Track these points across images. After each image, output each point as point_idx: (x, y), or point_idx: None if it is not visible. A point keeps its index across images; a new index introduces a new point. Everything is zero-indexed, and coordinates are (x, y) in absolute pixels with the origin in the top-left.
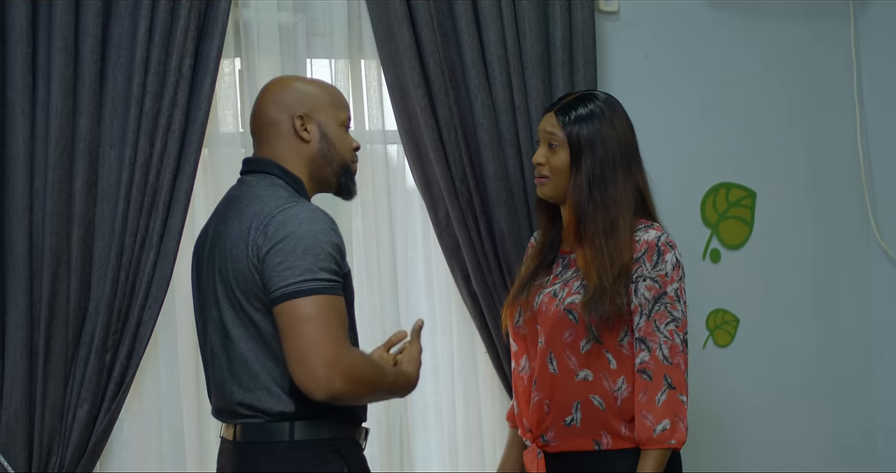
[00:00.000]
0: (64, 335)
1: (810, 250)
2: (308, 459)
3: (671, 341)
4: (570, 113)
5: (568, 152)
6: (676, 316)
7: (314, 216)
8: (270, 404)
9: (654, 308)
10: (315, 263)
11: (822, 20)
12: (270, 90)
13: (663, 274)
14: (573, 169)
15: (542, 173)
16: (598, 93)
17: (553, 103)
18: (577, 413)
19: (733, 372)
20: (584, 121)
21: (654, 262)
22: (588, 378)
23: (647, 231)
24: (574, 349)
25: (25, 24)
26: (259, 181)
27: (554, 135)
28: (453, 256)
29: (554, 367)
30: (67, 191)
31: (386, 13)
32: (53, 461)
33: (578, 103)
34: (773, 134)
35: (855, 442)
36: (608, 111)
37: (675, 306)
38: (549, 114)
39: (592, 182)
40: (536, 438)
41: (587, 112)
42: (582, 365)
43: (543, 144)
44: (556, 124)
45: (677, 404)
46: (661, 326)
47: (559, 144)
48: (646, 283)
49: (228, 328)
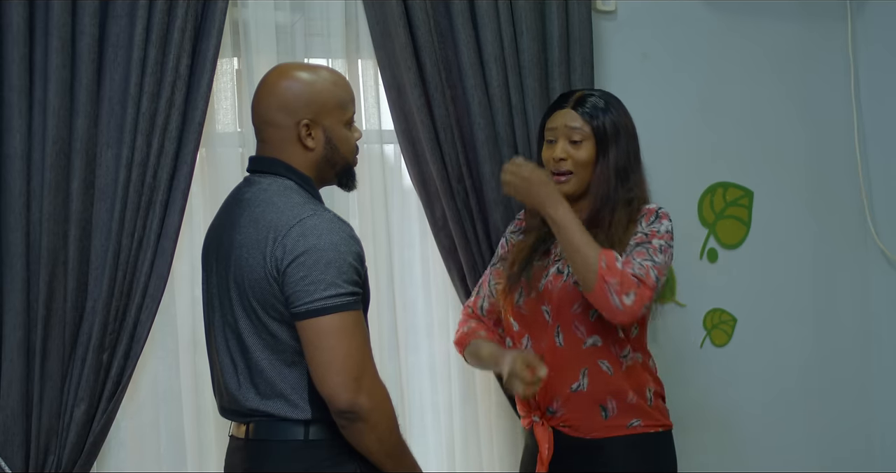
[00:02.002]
0: (61, 335)
1: (808, 249)
2: (322, 459)
3: (644, 268)
4: (587, 106)
5: (594, 145)
6: (656, 260)
7: (333, 226)
8: (287, 412)
9: (636, 249)
10: (338, 276)
11: (819, 20)
12: (274, 86)
13: (654, 230)
14: (599, 161)
15: (565, 169)
16: (596, 90)
17: (560, 100)
18: (583, 379)
19: (731, 371)
20: (605, 113)
21: (650, 222)
22: (597, 344)
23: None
24: (583, 318)
25: (22, 24)
26: (270, 184)
27: (577, 129)
28: (449, 255)
29: (560, 340)
30: (64, 191)
31: (382, 13)
32: (50, 461)
33: (590, 97)
34: (770, 133)
35: (852, 442)
36: (617, 104)
37: (656, 252)
38: (564, 111)
39: (618, 172)
40: (544, 412)
41: (604, 104)
42: (590, 332)
43: (563, 140)
44: (578, 118)
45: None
46: (637, 258)
47: (584, 138)
48: (637, 237)
49: (244, 336)
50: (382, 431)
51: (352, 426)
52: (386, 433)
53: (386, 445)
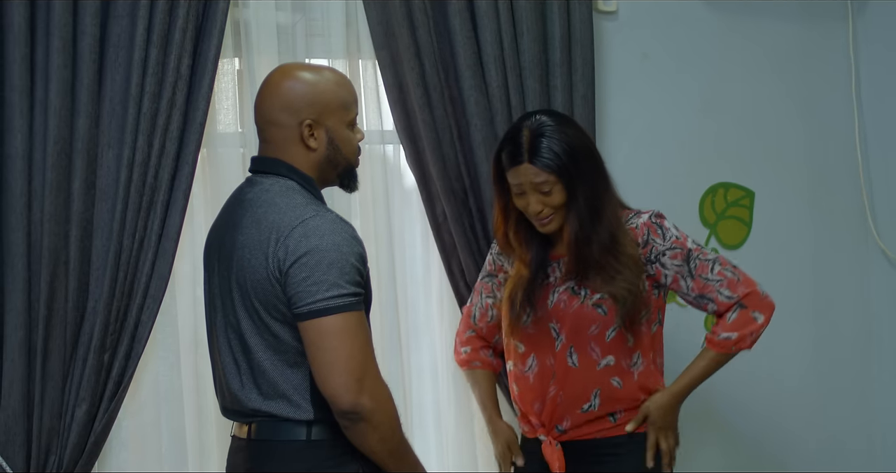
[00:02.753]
0: (62, 335)
1: (809, 250)
2: (324, 459)
3: (725, 279)
4: (543, 155)
5: (563, 187)
6: (712, 258)
7: (335, 227)
8: (289, 412)
9: (691, 266)
10: (340, 277)
11: (820, 20)
12: (277, 86)
13: (675, 239)
14: (569, 201)
15: (546, 216)
16: (541, 117)
17: (511, 153)
18: (595, 400)
19: (732, 371)
20: (562, 151)
21: (662, 236)
22: (610, 363)
23: (638, 216)
24: (599, 340)
25: (24, 24)
26: (272, 185)
27: (543, 182)
28: (450, 254)
29: (573, 361)
30: (66, 191)
31: (384, 13)
32: (52, 461)
33: (540, 140)
34: (771, 134)
35: (853, 442)
36: (563, 127)
37: (705, 253)
38: (523, 167)
39: (590, 210)
40: (551, 430)
41: (557, 141)
42: (605, 352)
43: (533, 194)
44: (541, 171)
45: (748, 321)
46: (709, 274)
47: (552, 185)
48: (670, 253)
49: (246, 337)
50: (385, 431)
51: (354, 426)
52: (388, 433)
53: (389, 445)
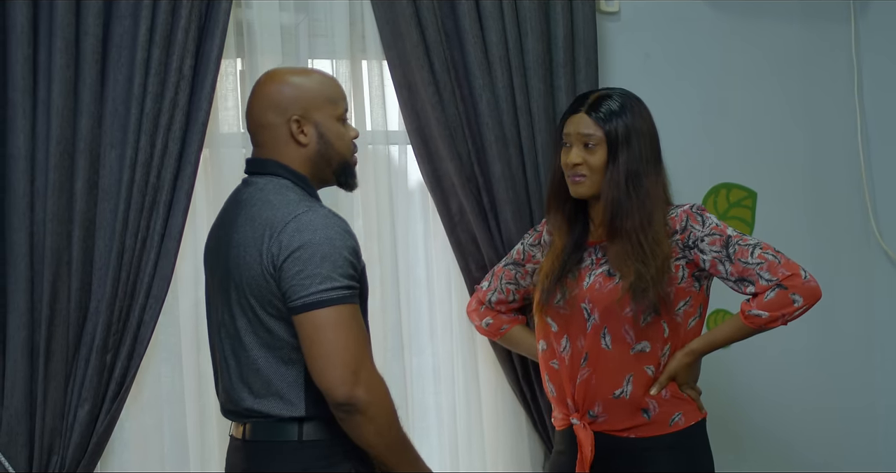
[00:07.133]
0: (65, 335)
1: (811, 251)
2: (317, 459)
3: (766, 262)
4: (601, 110)
5: (606, 149)
6: (753, 243)
7: (328, 221)
8: (281, 410)
9: (730, 250)
10: (334, 270)
11: (822, 21)
12: (264, 89)
13: (715, 226)
14: (609, 165)
15: (580, 173)
16: (616, 89)
17: (576, 103)
18: (627, 386)
19: (734, 372)
20: (618, 117)
21: (702, 222)
22: (645, 349)
23: (679, 207)
24: (633, 323)
25: (26, 24)
26: (267, 184)
27: (591, 135)
28: (465, 250)
29: (607, 342)
30: (68, 191)
31: (393, 13)
32: (54, 461)
33: (606, 100)
34: (773, 134)
35: (855, 442)
36: (635, 105)
37: (745, 239)
38: (577, 116)
39: (629, 177)
40: (584, 414)
41: (618, 107)
42: (640, 337)
43: (577, 145)
44: (591, 123)
45: (785, 303)
46: (749, 258)
47: (597, 143)
48: (708, 239)
49: (241, 335)
50: (381, 424)
51: (350, 418)
52: (385, 426)
53: (386, 438)
